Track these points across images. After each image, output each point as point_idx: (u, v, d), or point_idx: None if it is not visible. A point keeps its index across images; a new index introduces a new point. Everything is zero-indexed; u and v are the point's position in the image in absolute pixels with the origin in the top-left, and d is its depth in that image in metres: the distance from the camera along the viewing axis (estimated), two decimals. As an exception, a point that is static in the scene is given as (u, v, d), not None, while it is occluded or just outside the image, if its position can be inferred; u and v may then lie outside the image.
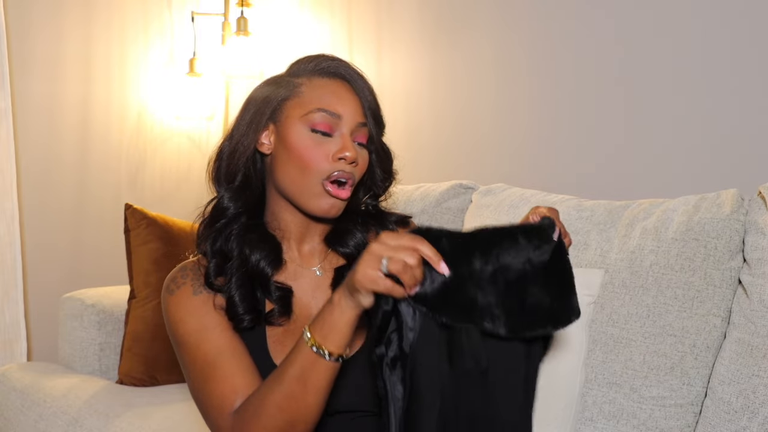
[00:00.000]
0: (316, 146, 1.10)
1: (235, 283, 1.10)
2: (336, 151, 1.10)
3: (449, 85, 2.28)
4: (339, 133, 1.12)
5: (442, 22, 2.30)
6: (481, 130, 2.20)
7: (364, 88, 1.15)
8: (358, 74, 1.16)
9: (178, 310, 1.10)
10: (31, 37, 2.51)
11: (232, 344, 1.08)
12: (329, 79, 1.14)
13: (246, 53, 2.57)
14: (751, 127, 1.67)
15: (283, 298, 1.13)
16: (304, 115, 1.11)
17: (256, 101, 1.17)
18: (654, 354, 1.36)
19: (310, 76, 1.15)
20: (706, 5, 1.73)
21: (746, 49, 1.67)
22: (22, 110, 2.50)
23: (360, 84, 1.15)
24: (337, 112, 1.11)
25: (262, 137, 1.15)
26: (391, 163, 1.22)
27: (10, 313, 2.38)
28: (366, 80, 1.17)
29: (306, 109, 1.11)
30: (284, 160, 1.12)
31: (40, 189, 2.56)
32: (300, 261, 1.19)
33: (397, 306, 0.91)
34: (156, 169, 2.86)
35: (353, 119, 1.12)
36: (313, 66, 1.16)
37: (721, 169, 1.71)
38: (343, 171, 1.10)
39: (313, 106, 1.11)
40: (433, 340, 0.90)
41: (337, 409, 1.09)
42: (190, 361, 1.09)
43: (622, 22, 1.88)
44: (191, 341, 1.09)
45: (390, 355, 0.91)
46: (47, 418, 1.87)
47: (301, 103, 1.12)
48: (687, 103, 1.76)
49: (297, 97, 1.13)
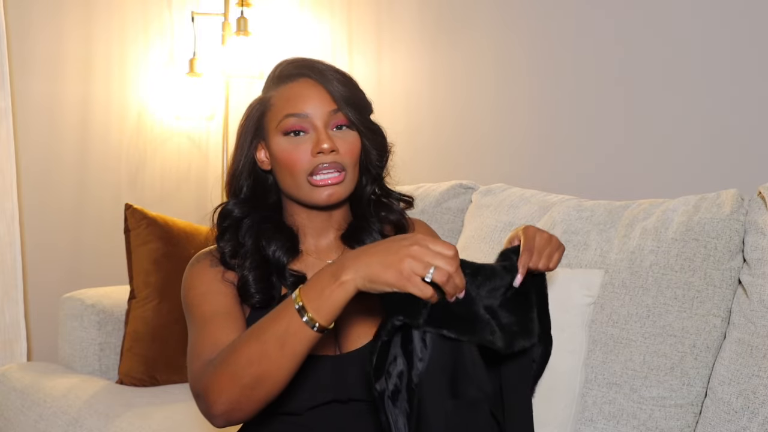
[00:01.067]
0: (295, 148, 1.15)
1: (250, 266, 1.16)
2: (312, 147, 1.15)
3: (449, 85, 2.28)
4: (313, 129, 1.16)
5: (442, 22, 2.29)
6: (481, 130, 2.20)
7: (330, 78, 1.18)
8: (324, 66, 1.19)
9: (193, 278, 1.18)
10: (31, 37, 2.51)
11: (230, 309, 1.13)
12: (292, 83, 1.18)
13: (246, 53, 2.57)
14: (751, 127, 1.67)
15: (297, 284, 1.15)
16: (277, 125, 1.17)
17: (244, 123, 1.23)
18: (654, 354, 1.36)
19: (276, 87, 1.20)
20: (706, 5, 1.73)
21: (746, 49, 1.67)
22: (22, 110, 2.50)
23: (325, 75, 1.18)
24: (304, 112, 1.16)
25: (260, 155, 1.22)
26: (384, 138, 1.24)
27: (10, 313, 2.39)
28: (333, 70, 1.19)
29: (277, 120, 1.17)
30: (278, 170, 1.19)
31: (40, 189, 2.56)
32: (317, 254, 1.23)
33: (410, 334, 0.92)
34: (156, 169, 2.86)
35: (322, 111, 1.16)
36: (278, 75, 1.21)
37: (721, 169, 1.71)
38: (324, 163, 1.14)
39: (282, 113, 1.17)
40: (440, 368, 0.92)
41: (349, 396, 1.13)
42: (191, 320, 1.14)
43: (621, 22, 1.88)
44: (195, 303, 1.15)
45: (390, 389, 0.92)
46: (47, 418, 1.87)
47: (273, 115, 1.18)
48: (687, 103, 1.76)
49: (270, 110, 1.19)
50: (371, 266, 0.91)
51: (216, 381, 0.98)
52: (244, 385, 0.96)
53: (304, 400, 1.13)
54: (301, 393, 1.13)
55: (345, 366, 1.14)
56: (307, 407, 1.14)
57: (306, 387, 1.13)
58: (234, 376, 0.97)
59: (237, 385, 0.97)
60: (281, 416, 1.16)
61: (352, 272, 0.92)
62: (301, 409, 1.14)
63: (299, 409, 1.14)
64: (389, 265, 0.89)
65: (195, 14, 2.80)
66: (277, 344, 0.94)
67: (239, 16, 2.59)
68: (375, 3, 2.49)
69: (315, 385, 1.13)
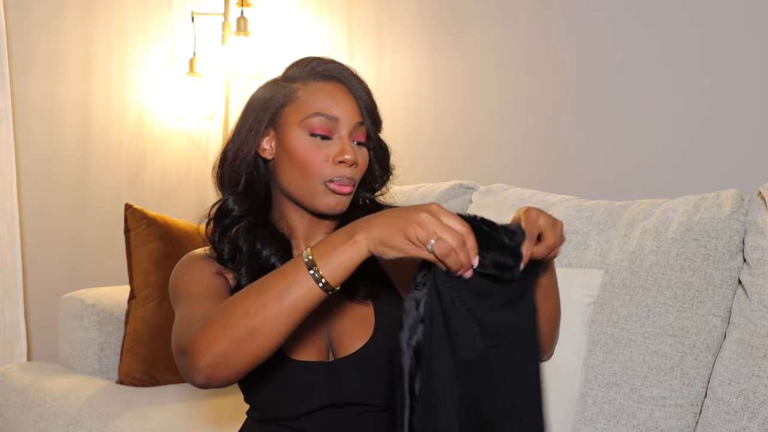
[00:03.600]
0: (316, 150, 1.12)
1: (246, 273, 1.14)
2: (336, 155, 1.12)
3: (449, 85, 2.28)
4: (338, 136, 1.13)
5: (442, 22, 2.30)
6: (481, 130, 2.20)
7: (359, 88, 1.17)
8: (353, 74, 1.18)
9: (184, 267, 1.18)
10: (31, 37, 2.51)
11: (218, 291, 1.12)
12: (325, 83, 1.16)
13: (246, 53, 2.57)
14: (751, 127, 1.67)
15: None
16: (303, 120, 1.13)
17: (254, 107, 1.18)
18: (654, 354, 1.36)
19: (305, 80, 1.16)
20: (706, 5, 1.73)
21: (746, 49, 1.67)
22: (22, 110, 2.50)
23: (355, 84, 1.17)
24: (335, 115, 1.13)
25: (263, 143, 1.17)
26: (389, 158, 1.24)
27: (10, 313, 2.39)
28: (361, 80, 1.18)
29: (304, 114, 1.13)
30: (286, 164, 1.15)
31: (40, 189, 2.56)
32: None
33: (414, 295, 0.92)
34: (156, 169, 2.86)
35: (350, 120, 1.14)
36: (309, 70, 1.18)
37: (721, 169, 1.71)
38: (344, 176, 1.13)
39: (311, 110, 1.13)
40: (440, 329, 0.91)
41: (346, 401, 1.12)
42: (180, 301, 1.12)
43: (621, 22, 1.88)
44: (185, 286, 1.14)
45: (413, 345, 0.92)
46: (47, 418, 1.87)
47: (298, 108, 1.14)
48: (687, 103, 1.76)
49: (294, 102, 1.15)
50: (382, 229, 0.90)
51: (206, 332, 0.95)
52: (235, 337, 0.93)
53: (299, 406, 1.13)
54: (295, 399, 1.13)
55: (339, 371, 1.13)
56: (302, 412, 1.13)
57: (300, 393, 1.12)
58: (227, 327, 0.93)
59: (228, 337, 0.93)
60: (277, 422, 1.16)
61: (366, 233, 0.91)
62: (296, 415, 1.13)
63: (294, 415, 1.14)
64: (398, 229, 0.89)
65: (195, 14, 2.80)
66: (278, 297, 0.92)
67: (239, 16, 2.59)
68: (375, 3, 2.49)
69: (310, 390, 1.12)
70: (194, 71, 2.73)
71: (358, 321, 1.16)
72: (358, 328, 1.16)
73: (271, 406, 1.16)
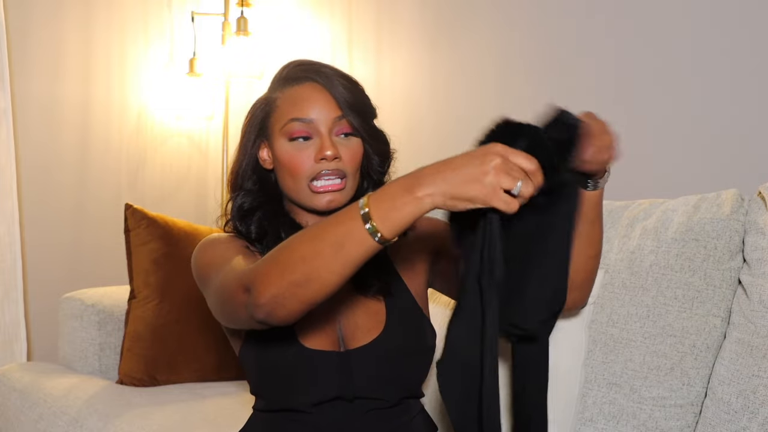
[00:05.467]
0: (299, 153, 1.16)
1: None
2: (317, 153, 1.15)
3: (449, 85, 2.28)
4: (318, 135, 1.16)
5: (442, 22, 2.30)
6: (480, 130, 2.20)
7: (336, 83, 1.17)
8: (330, 71, 1.19)
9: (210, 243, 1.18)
10: (31, 37, 2.51)
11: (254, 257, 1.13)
12: (298, 86, 1.18)
13: (246, 53, 2.57)
14: (751, 127, 1.67)
15: None
16: (282, 127, 1.17)
17: (249, 121, 1.23)
18: (654, 354, 1.36)
19: (282, 88, 1.20)
20: (707, 5, 1.73)
21: (746, 49, 1.67)
22: (22, 110, 2.50)
23: (332, 80, 1.17)
24: (309, 117, 1.16)
25: (262, 155, 1.22)
26: (387, 145, 1.24)
27: (10, 313, 2.39)
28: (339, 75, 1.19)
29: (283, 122, 1.17)
30: (280, 171, 1.20)
31: (40, 189, 2.56)
32: None
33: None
34: (156, 169, 2.86)
35: (328, 117, 1.16)
36: (285, 76, 1.21)
37: (721, 169, 1.71)
38: (326, 169, 1.15)
39: (287, 117, 1.17)
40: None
41: (355, 393, 1.14)
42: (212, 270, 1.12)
43: (621, 22, 1.88)
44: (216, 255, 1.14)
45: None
46: (47, 418, 1.87)
47: (279, 116, 1.18)
48: (687, 103, 1.76)
49: (275, 111, 1.19)
50: (452, 181, 0.86)
51: (265, 272, 0.95)
52: (292, 281, 0.92)
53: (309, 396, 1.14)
54: (305, 386, 1.14)
55: (350, 363, 1.15)
56: (311, 403, 1.14)
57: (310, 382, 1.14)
58: (285, 269, 0.93)
59: (285, 280, 0.92)
60: (287, 413, 1.16)
61: (431, 188, 0.87)
62: (306, 405, 1.14)
63: (304, 406, 1.14)
64: (472, 179, 0.85)
65: (195, 14, 2.80)
66: (333, 246, 0.90)
67: (239, 16, 2.59)
68: (375, 3, 2.49)
69: (320, 378, 1.14)
70: (194, 71, 2.73)
71: (371, 316, 1.18)
72: (370, 322, 1.17)
73: (280, 394, 1.16)
